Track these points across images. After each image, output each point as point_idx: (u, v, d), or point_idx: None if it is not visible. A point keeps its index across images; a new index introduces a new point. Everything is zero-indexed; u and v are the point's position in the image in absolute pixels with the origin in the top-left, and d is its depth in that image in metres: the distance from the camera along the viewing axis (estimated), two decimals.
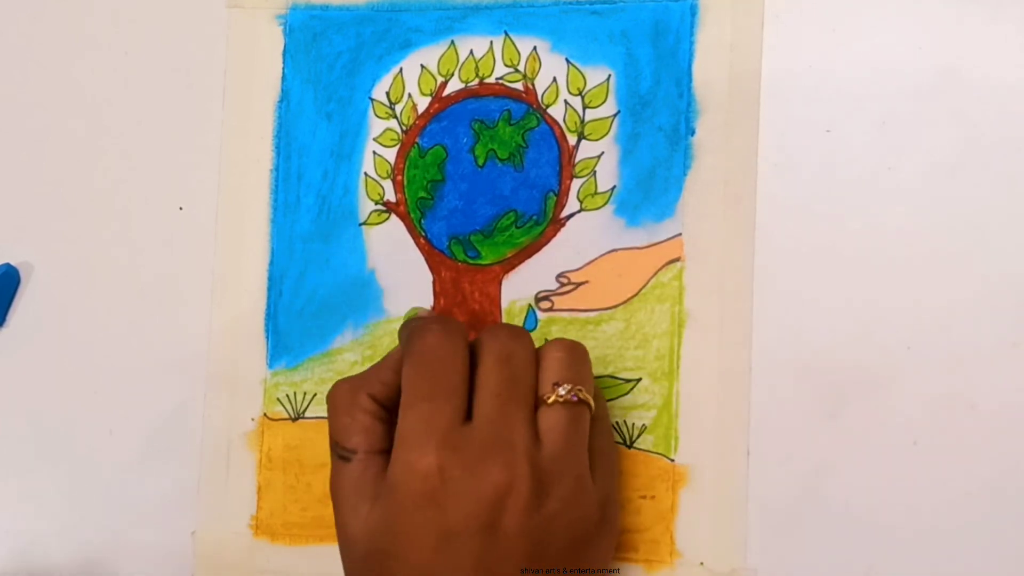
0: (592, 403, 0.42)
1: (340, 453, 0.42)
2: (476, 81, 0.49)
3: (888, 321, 0.44)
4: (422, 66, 0.49)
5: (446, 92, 0.49)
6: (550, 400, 0.41)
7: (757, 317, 0.45)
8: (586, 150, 0.47)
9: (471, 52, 0.49)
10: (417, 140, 0.49)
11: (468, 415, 0.41)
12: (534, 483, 0.39)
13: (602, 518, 0.42)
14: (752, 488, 0.45)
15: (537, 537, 0.40)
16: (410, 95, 0.49)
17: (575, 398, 0.41)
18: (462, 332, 0.42)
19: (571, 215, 0.47)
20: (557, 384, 0.41)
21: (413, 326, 0.43)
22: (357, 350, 0.49)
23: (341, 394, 0.43)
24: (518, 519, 0.39)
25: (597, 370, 0.46)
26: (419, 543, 0.39)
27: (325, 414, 0.48)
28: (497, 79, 0.48)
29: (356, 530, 0.41)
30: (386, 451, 0.41)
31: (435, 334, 0.42)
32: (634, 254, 0.47)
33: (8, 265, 0.52)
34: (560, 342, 0.43)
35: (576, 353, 0.43)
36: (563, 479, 0.40)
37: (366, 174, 0.49)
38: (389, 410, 0.42)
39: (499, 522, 0.39)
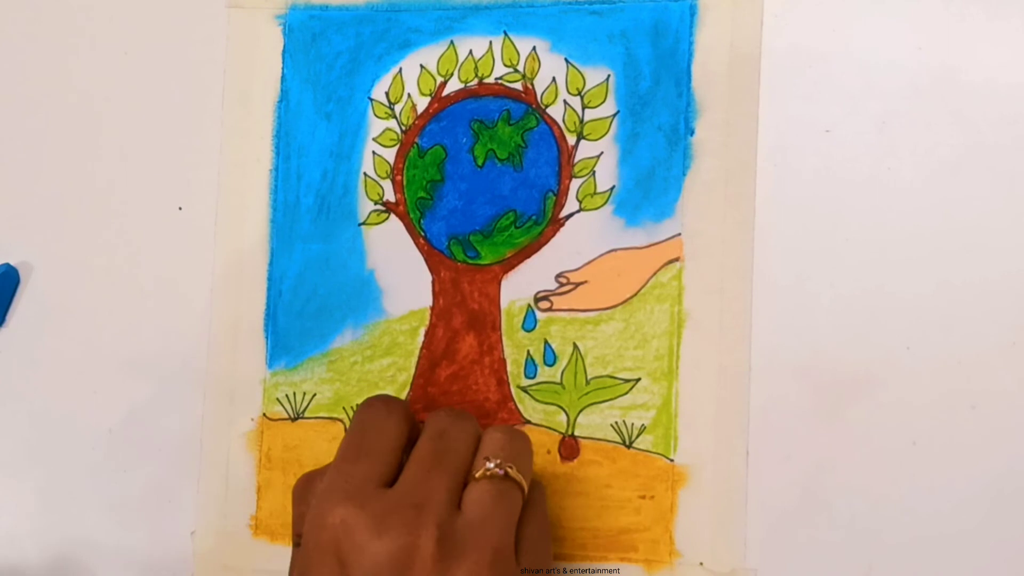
0: (523, 484, 0.42)
1: (295, 541, 0.42)
2: (475, 81, 0.49)
3: (888, 321, 0.44)
4: (421, 66, 0.49)
5: (445, 92, 0.49)
6: (478, 475, 0.41)
7: (757, 317, 0.45)
8: (585, 150, 0.47)
9: (470, 52, 0.49)
10: (416, 140, 0.49)
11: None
12: (440, 547, 0.39)
13: None
14: (752, 488, 0.45)
15: None
16: (409, 95, 0.49)
17: (502, 472, 0.41)
18: (405, 411, 0.43)
19: (570, 215, 0.47)
20: (487, 459, 0.41)
21: (362, 401, 0.44)
22: (357, 350, 0.49)
23: (298, 485, 0.43)
24: None
25: (597, 370, 0.46)
26: None
27: (325, 414, 0.49)
28: (496, 79, 0.48)
29: None
30: None
31: (373, 407, 0.43)
32: (633, 254, 0.47)
33: (8, 265, 0.52)
34: (503, 427, 0.43)
35: (516, 437, 0.43)
36: (478, 548, 0.39)
37: (365, 174, 0.49)
38: None
39: None
